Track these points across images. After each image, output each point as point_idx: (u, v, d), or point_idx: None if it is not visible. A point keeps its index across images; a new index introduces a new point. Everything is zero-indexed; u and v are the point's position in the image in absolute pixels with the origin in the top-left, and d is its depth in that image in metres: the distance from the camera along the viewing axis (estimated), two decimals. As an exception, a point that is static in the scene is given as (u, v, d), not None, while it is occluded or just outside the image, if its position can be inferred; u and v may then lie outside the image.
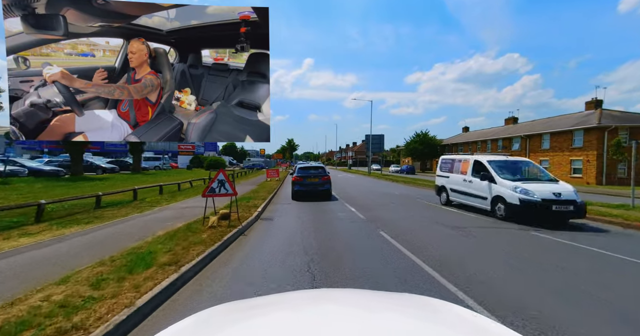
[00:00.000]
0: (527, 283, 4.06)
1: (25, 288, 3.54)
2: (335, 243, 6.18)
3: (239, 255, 5.39)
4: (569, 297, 3.61)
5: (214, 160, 47.15)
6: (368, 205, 12.02)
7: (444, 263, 4.88)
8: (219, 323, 0.93)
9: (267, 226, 7.95)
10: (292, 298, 1.21)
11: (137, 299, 3.20)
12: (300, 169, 13.11)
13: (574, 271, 4.56)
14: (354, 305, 1.04)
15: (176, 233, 6.35)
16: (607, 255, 5.49)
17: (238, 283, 4.06)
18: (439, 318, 0.94)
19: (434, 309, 1.03)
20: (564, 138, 30.55)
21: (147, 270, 4.05)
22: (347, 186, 21.82)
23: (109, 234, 6.47)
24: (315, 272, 4.43)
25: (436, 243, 6.28)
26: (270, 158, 71.24)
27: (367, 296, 1.28)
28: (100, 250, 5.18)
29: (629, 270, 4.73)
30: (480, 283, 4.06)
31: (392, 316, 0.91)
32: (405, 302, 1.12)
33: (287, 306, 1.06)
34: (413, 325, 0.84)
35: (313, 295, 1.18)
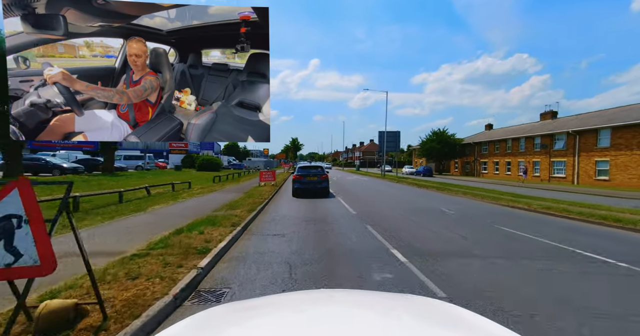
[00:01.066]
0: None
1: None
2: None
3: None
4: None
5: (208, 159, 41.55)
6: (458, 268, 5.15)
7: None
8: (219, 324, 0.93)
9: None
10: (292, 298, 1.20)
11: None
12: (300, 168, 14.09)
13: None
14: (357, 305, 1.04)
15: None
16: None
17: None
18: (440, 319, 0.94)
19: (434, 310, 1.03)
20: (634, 134, 24.27)
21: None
22: (364, 195, 16.30)
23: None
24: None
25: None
26: (274, 158, 71.46)
27: (368, 297, 1.27)
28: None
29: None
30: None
31: (396, 318, 0.90)
32: (407, 303, 1.12)
33: (289, 306, 1.05)
34: (416, 326, 0.84)
35: (314, 296, 1.17)
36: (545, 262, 5.21)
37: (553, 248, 6.36)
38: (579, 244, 6.64)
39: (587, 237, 7.55)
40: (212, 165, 38.30)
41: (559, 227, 8.72)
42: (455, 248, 6.23)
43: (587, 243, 6.82)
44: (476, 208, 12.34)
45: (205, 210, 10.02)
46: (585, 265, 5.16)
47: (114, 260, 4.45)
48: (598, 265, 5.18)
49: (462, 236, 7.31)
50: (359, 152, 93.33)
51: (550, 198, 16.29)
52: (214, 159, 42.35)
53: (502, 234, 7.76)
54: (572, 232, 8.13)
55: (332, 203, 13.03)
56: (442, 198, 16.19)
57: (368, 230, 7.55)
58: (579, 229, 8.51)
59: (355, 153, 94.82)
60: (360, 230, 7.49)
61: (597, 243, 6.79)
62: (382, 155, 35.46)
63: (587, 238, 7.46)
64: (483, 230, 8.20)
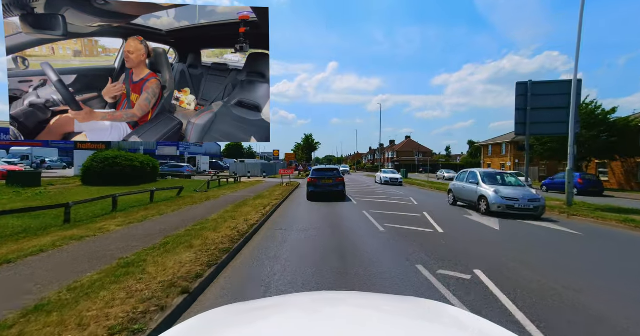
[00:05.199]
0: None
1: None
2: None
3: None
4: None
5: (124, 162, 15.09)
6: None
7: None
8: (225, 325, 0.94)
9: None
10: (298, 300, 1.21)
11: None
12: (314, 171, 13.69)
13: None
14: (363, 307, 1.05)
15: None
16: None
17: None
18: (445, 321, 0.97)
19: (440, 313, 1.05)
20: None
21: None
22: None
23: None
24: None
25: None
26: (278, 159, 35.17)
27: (374, 299, 1.29)
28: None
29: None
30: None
31: (402, 321, 0.93)
32: (413, 306, 1.14)
33: (295, 308, 1.06)
34: (422, 329, 0.86)
35: (320, 298, 1.19)
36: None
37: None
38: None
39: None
40: (134, 172, 15.04)
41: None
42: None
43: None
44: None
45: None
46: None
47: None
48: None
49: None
50: (392, 152, 69.44)
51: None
52: (132, 160, 15.57)
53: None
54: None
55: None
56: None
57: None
58: None
59: (388, 153, 69.57)
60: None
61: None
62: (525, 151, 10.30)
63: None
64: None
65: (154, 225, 5.09)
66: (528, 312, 2.57)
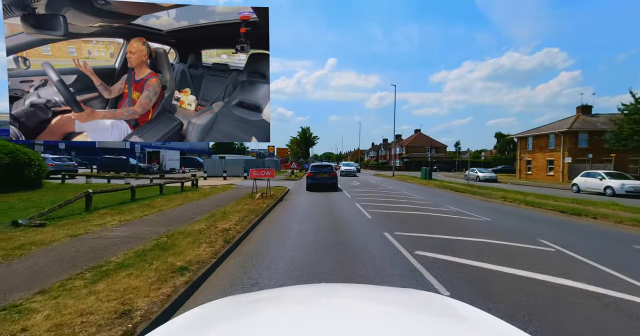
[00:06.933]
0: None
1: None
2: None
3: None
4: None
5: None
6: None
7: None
8: (226, 316, 0.94)
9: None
10: (296, 292, 1.22)
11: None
12: (313, 167, 16.12)
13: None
14: (360, 299, 1.06)
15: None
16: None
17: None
18: (440, 312, 0.97)
19: (436, 304, 1.05)
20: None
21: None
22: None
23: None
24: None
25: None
26: (273, 156, 32.14)
27: (370, 290, 1.29)
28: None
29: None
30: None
31: (398, 311, 0.93)
32: (409, 297, 1.14)
33: (293, 300, 1.07)
34: (417, 319, 0.86)
35: (317, 290, 1.19)
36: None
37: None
38: None
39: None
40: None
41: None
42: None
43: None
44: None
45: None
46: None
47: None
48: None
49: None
50: (400, 147, 61.30)
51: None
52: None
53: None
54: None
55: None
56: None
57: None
58: None
59: (395, 149, 60.59)
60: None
61: None
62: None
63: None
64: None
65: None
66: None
